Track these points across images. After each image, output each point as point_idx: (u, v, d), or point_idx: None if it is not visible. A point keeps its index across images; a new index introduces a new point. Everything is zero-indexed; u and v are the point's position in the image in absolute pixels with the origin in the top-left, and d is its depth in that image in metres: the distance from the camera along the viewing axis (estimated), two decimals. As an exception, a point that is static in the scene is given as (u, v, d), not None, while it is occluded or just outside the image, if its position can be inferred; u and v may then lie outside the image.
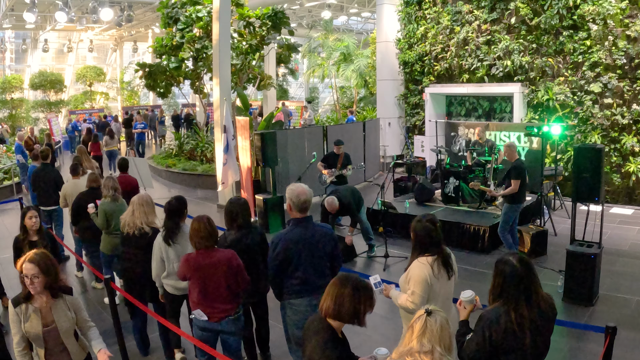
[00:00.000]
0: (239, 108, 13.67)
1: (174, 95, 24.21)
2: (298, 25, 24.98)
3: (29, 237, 4.60)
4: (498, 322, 2.47)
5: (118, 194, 5.50)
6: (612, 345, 3.07)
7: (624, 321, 4.89)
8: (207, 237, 3.44)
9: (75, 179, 6.78)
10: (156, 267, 4.07)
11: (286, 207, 3.62)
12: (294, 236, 3.48)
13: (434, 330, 2.09)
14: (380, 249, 7.28)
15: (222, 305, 3.47)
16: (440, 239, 3.16)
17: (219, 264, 3.43)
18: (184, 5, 14.08)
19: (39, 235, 4.67)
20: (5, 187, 12.32)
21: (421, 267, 3.07)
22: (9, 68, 26.92)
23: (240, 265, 3.52)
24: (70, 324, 2.94)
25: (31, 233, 4.63)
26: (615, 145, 9.53)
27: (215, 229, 3.50)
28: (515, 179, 6.36)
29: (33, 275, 2.78)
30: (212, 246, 3.49)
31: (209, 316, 3.47)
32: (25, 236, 4.62)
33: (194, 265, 3.44)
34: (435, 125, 11.34)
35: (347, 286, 2.36)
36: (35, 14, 15.64)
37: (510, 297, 2.51)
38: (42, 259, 2.83)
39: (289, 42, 15.15)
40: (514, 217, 6.58)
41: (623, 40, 9.24)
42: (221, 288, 3.44)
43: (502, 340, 2.47)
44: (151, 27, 25.58)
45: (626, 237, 7.73)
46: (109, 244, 5.46)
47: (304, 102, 28.17)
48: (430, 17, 12.79)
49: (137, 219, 4.34)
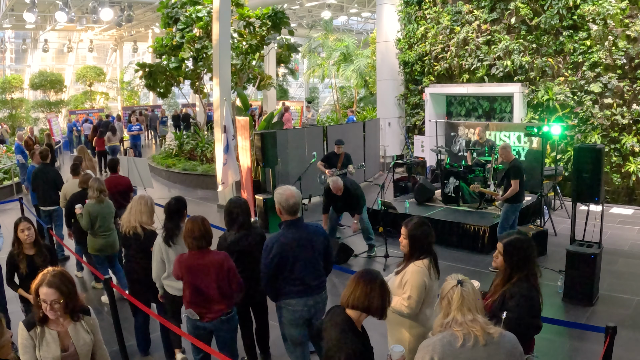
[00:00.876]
0: (239, 108, 13.67)
1: (174, 95, 24.21)
2: (298, 25, 24.98)
3: (25, 251, 4.14)
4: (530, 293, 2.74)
5: (104, 195, 5.52)
6: (612, 345, 3.07)
7: (624, 321, 4.89)
8: (199, 238, 3.43)
9: (76, 178, 6.78)
10: (156, 268, 4.07)
11: (277, 210, 3.61)
12: (287, 239, 3.49)
13: (470, 299, 2.23)
14: (380, 249, 7.28)
15: (214, 306, 3.47)
16: (434, 240, 3.22)
17: (210, 265, 3.42)
18: (184, 5, 14.08)
19: (35, 247, 4.18)
20: (5, 187, 12.32)
21: (419, 272, 3.07)
22: (9, 68, 26.92)
23: (232, 269, 3.49)
24: (89, 348, 2.73)
25: (26, 246, 4.15)
26: (615, 145, 9.53)
27: (209, 230, 3.49)
28: (514, 178, 6.36)
29: (53, 301, 2.51)
30: (205, 247, 3.48)
31: (201, 316, 3.47)
32: (20, 250, 4.14)
33: (185, 266, 3.45)
34: (435, 125, 11.34)
35: (377, 280, 2.44)
36: (35, 14, 15.64)
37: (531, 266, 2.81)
38: (62, 281, 2.55)
39: (289, 42, 15.15)
40: (513, 217, 6.58)
41: (623, 40, 9.24)
42: (212, 289, 3.43)
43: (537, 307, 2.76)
44: (151, 27, 25.58)
45: (626, 237, 7.73)
46: (94, 244, 5.55)
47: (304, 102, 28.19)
48: (430, 17, 12.79)
49: (132, 217, 4.35)
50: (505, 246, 2.86)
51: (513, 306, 2.69)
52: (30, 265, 4.10)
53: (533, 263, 2.84)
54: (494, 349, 2.19)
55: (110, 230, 5.62)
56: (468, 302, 2.23)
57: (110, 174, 7.05)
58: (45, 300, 2.51)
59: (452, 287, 2.27)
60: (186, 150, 14.98)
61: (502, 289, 2.81)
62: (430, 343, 2.25)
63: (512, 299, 2.71)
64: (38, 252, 4.16)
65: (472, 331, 2.17)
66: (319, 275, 3.60)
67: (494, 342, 2.19)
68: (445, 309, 2.27)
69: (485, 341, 2.17)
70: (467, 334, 2.18)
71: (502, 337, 2.23)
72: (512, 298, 2.72)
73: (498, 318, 2.58)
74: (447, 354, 2.17)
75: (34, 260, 4.11)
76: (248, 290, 3.97)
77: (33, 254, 4.14)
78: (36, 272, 3.50)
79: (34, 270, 3.75)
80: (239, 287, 3.58)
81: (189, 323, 3.57)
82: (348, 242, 7.48)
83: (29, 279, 3.70)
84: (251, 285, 4.00)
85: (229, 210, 4.00)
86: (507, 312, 2.66)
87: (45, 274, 2.58)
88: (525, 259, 2.82)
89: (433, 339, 2.26)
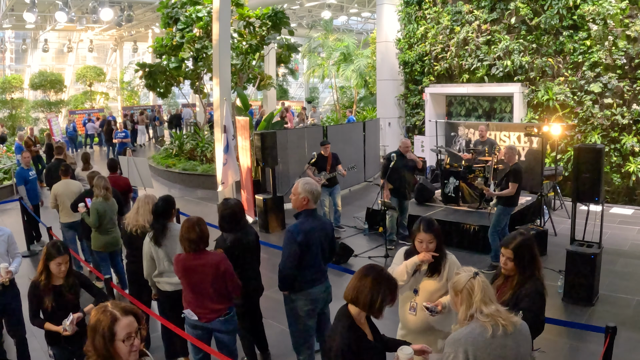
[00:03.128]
0: (239, 108, 13.67)
1: (174, 95, 24.22)
2: (298, 25, 24.97)
3: (52, 282, 3.44)
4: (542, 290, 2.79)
5: (110, 193, 5.66)
6: (612, 345, 3.07)
7: (624, 321, 4.89)
8: (196, 241, 3.41)
9: (65, 179, 6.78)
10: (147, 266, 4.08)
11: (300, 200, 3.65)
12: (310, 226, 3.61)
13: (489, 289, 2.26)
14: (380, 249, 7.28)
15: (212, 306, 3.48)
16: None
17: (206, 266, 3.41)
18: (184, 5, 14.08)
19: (65, 277, 3.48)
20: (5, 187, 12.32)
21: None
22: (9, 68, 26.91)
23: (229, 270, 3.48)
24: None
25: (55, 278, 3.46)
26: (615, 145, 9.53)
27: (205, 232, 3.47)
28: (513, 182, 6.33)
29: (136, 331, 2.00)
30: (202, 249, 3.46)
31: (199, 316, 3.48)
32: (47, 281, 3.42)
33: (182, 267, 3.46)
34: (435, 125, 11.33)
35: (369, 275, 2.38)
36: (35, 14, 15.65)
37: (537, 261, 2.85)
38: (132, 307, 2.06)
39: (289, 42, 15.14)
40: (505, 220, 6.54)
41: (623, 40, 9.24)
42: (209, 290, 3.44)
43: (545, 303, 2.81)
44: (151, 27, 25.58)
45: (626, 237, 7.73)
46: (100, 242, 5.63)
47: (304, 103, 28.17)
48: (430, 17, 12.80)
49: (140, 217, 4.38)
50: (514, 251, 2.83)
51: (529, 304, 2.71)
52: (57, 298, 3.42)
53: (538, 258, 2.89)
54: (520, 336, 2.25)
55: (115, 227, 5.74)
56: (489, 292, 2.24)
57: (109, 174, 7.08)
58: (130, 335, 1.97)
59: (470, 279, 2.26)
60: (186, 150, 14.98)
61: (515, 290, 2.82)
62: (459, 337, 2.22)
63: (527, 297, 2.74)
64: (67, 283, 3.47)
65: (499, 321, 2.19)
66: (327, 260, 3.83)
67: (517, 329, 2.25)
68: (467, 301, 2.25)
69: (513, 329, 2.21)
70: (494, 324, 2.18)
71: (522, 325, 2.30)
72: (527, 296, 2.74)
73: None
74: (480, 345, 2.16)
75: (62, 292, 3.44)
76: (250, 289, 3.98)
77: (62, 283, 3.46)
78: (65, 307, 3.14)
79: (62, 305, 3.40)
80: (237, 289, 3.56)
81: (188, 323, 3.58)
82: (348, 242, 7.48)
83: (54, 316, 3.39)
84: (252, 284, 4.02)
85: (230, 211, 3.95)
86: (523, 310, 2.66)
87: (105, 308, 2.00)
88: (533, 256, 2.85)
89: (461, 332, 2.23)
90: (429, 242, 2.98)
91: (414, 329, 3.06)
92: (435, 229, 3.01)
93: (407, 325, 3.08)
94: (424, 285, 3.02)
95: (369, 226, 8.41)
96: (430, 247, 2.98)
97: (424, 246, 2.98)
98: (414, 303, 3.02)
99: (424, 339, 3.05)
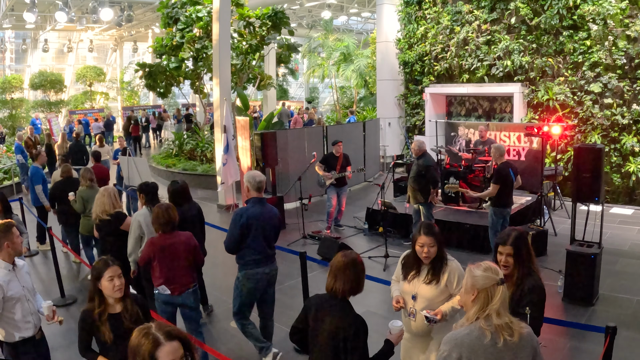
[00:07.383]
0: (239, 108, 13.67)
1: (174, 95, 24.22)
2: (298, 25, 24.97)
3: (108, 309, 2.82)
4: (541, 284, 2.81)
5: (93, 182, 6.38)
6: (612, 345, 3.07)
7: (624, 321, 4.89)
8: (165, 224, 3.95)
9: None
10: (132, 244, 4.57)
11: (245, 189, 4.29)
12: (254, 212, 4.12)
13: (506, 300, 2.21)
14: (380, 249, 7.28)
15: (183, 279, 3.98)
16: None
17: (179, 243, 3.97)
18: (184, 5, 14.08)
19: (123, 302, 2.84)
20: (5, 187, 12.31)
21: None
22: (9, 68, 26.89)
23: (197, 245, 4.09)
24: None
25: (112, 301, 2.83)
26: (615, 145, 9.53)
27: (173, 216, 4.00)
28: (494, 183, 6.29)
29: (181, 357, 1.81)
30: (172, 230, 3.99)
31: (172, 290, 3.95)
32: (103, 308, 2.80)
33: (158, 247, 3.92)
34: (435, 125, 11.33)
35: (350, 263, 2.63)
36: (35, 14, 15.63)
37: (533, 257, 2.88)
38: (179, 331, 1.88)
39: (289, 42, 15.15)
40: (499, 221, 6.46)
41: (623, 40, 9.23)
42: (182, 264, 3.96)
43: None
44: (151, 27, 25.57)
45: (626, 237, 7.73)
46: (86, 225, 6.23)
47: (304, 103, 28.17)
48: (430, 17, 12.79)
49: (97, 208, 4.89)
50: (513, 246, 2.81)
51: (535, 299, 2.72)
52: (115, 328, 2.79)
53: (532, 250, 2.91)
54: (521, 351, 2.18)
55: None
56: (505, 304, 2.18)
57: (94, 163, 7.99)
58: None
59: (494, 284, 2.18)
60: (186, 150, 14.98)
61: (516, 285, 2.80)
62: (455, 337, 2.19)
63: (532, 292, 2.73)
64: (126, 309, 2.83)
65: (503, 334, 2.13)
66: (273, 247, 4.28)
67: (523, 339, 2.18)
68: (482, 303, 2.17)
69: (518, 339, 2.16)
70: (495, 333, 2.13)
71: (528, 335, 2.21)
72: (531, 291, 2.73)
73: (522, 315, 2.58)
74: (476, 349, 2.13)
75: (121, 320, 2.81)
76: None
77: (120, 311, 2.83)
78: (123, 338, 2.42)
79: (120, 335, 2.73)
80: (202, 261, 4.23)
81: (160, 299, 3.98)
82: (348, 242, 7.48)
83: (114, 348, 2.77)
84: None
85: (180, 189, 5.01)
86: (530, 306, 2.66)
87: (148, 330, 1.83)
88: (529, 249, 2.87)
89: (459, 333, 2.20)
90: (429, 245, 2.96)
91: (414, 333, 3.07)
92: (435, 233, 2.99)
93: (407, 329, 3.08)
94: (422, 292, 3.00)
95: (369, 226, 8.41)
96: (431, 251, 2.97)
97: (425, 250, 2.97)
98: (413, 309, 3.01)
99: (423, 343, 3.06)
